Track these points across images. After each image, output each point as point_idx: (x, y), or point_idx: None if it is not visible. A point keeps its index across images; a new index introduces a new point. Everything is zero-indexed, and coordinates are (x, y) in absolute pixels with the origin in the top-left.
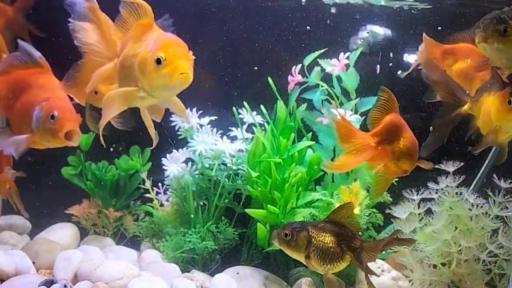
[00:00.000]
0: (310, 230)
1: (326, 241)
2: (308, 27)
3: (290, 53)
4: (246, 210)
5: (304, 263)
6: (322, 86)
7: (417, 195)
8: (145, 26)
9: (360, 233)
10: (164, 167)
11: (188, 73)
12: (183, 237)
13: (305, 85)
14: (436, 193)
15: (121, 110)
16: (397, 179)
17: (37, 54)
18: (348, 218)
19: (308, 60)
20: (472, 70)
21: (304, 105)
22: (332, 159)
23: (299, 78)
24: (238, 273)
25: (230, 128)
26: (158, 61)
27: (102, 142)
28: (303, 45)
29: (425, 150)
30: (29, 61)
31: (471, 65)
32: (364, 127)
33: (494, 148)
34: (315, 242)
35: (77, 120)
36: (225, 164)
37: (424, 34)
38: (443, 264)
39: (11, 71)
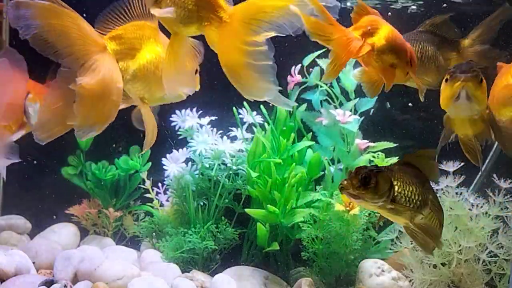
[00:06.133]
0: (387, 171)
1: (409, 183)
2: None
3: (290, 53)
4: (246, 210)
5: (384, 214)
6: (321, 86)
7: None
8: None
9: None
10: (164, 167)
11: None
12: (183, 237)
13: (304, 86)
14: (436, 193)
15: None
16: None
17: None
18: (425, 163)
19: (307, 60)
20: None
21: (304, 105)
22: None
23: (298, 78)
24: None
25: (230, 128)
26: None
27: None
28: (303, 45)
29: None
30: None
31: None
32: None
33: (494, 147)
34: (398, 183)
35: None
36: (225, 164)
37: None
38: (443, 264)
39: None
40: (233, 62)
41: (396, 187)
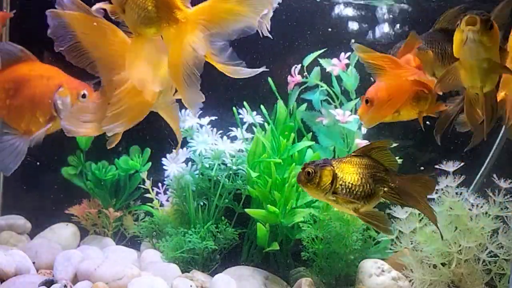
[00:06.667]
0: (335, 164)
1: (353, 175)
2: (308, 26)
3: (291, 52)
4: (246, 210)
5: (332, 204)
6: (321, 86)
7: None
8: None
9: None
10: (164, 167)
11: None
12: (183, 237)
13: (305, 86)
14: (436, 193)
15: None
16: None
17: (17, 47)
18: (380, 153)
19: (307, 60)
20: None
21: (304, 105)
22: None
23: (298, 78)
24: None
25: (230, 128)
26: None
27: None
28: (303, 44)
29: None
30: (12, 57)
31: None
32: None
33: (494, 147)
34: (341, 176)
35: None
36: (225, 164)
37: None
38: (443, 264)
39: None
40: (180, 65)
41: (339, 180)
